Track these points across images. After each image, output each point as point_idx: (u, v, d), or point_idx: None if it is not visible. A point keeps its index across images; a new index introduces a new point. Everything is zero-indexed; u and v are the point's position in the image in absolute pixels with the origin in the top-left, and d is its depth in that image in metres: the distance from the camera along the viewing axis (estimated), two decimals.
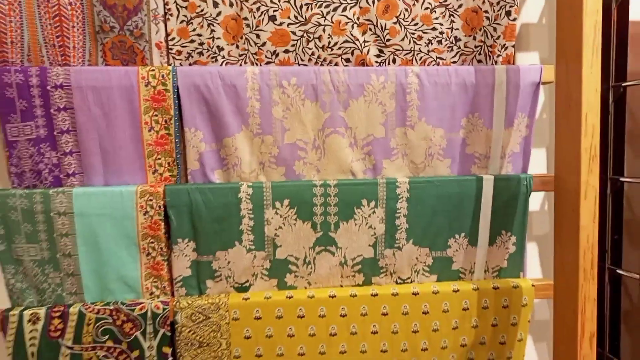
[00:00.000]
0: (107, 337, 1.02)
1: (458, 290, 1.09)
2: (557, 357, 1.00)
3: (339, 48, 1.07)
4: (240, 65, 1.07)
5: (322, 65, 1.08)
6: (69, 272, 1.03)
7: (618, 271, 1.22)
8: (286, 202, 1.05)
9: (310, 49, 1.07)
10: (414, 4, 1.08)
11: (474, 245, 1.11)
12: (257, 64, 1.07)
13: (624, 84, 1.17)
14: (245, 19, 1.05)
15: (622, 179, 1.21)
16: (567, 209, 0.95)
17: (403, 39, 1.09)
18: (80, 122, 1.01)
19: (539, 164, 1.25)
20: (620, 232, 1.25)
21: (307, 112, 1.06)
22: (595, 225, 0.92)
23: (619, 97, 1.20)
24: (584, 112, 0.91)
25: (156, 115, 1.03)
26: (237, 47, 1.06)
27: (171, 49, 1.05)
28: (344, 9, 1.06)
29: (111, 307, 1.02)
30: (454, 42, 1.11)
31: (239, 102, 1.04)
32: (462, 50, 1.12)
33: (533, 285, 1.10)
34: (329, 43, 1.07)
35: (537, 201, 1.28)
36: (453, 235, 1.10)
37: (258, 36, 1.06)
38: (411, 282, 1.11)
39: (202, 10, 1.04)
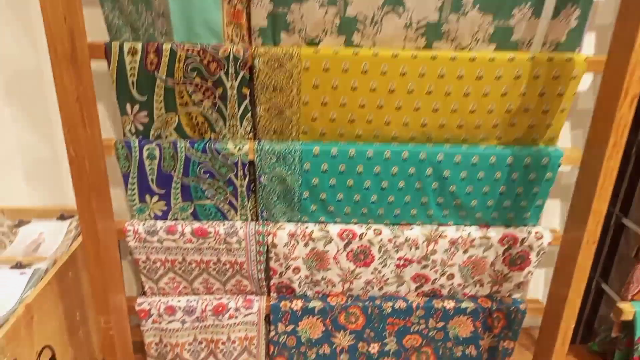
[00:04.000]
0: (195, 74, 1.17)
1: (513, 59, 1.16)
2: (595, 118, 1.10)
3: None
4: None
5: None
6: (159, 12, 1.13)
7: None
8: None
9: None
10: None
11: (537, 16, 1.14)
12: None
13: None
14: None
15: None
16: None
17: None
18: None
19: None
20: None
21: None
22: None
23: None
24: None
25: None
26: None
27: None
28: None
29: (198, 48, 1.15)
30: None
31: None
32: None
33: (586, 60, 1.16)
34: None
35: None
36: (519, 4, 1.13)
37: None
38: (470, 50, 1.18)
39: None
